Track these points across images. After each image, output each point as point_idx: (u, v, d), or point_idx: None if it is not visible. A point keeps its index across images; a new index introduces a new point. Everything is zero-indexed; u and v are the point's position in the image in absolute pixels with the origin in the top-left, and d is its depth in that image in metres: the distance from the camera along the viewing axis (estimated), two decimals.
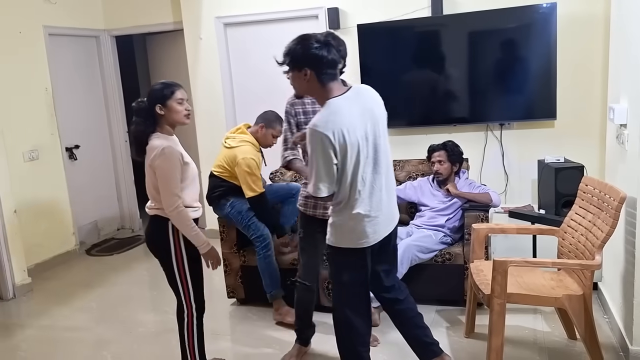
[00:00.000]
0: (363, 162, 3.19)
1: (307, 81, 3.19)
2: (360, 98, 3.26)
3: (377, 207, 3.30)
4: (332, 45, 3.20)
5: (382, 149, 3.31)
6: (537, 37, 5.78)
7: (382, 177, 3.31)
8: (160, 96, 3.56)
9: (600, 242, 3.65)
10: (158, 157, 3.49)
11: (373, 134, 3.24)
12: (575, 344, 4.30)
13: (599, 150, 5.77)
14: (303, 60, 3.17)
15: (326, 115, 3.10)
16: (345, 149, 3.09)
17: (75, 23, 7.46)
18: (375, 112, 3.29)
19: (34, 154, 6.70)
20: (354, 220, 3.26)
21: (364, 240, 3.30)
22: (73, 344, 4.96)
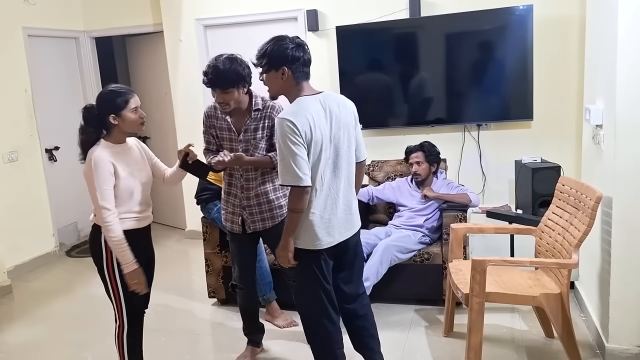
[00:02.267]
0: (324, 163, 3.26)
1: (284, 80, 3.27)
2: (328, 102, 3.32)
3: (333, 210, 3.36)
4: (305, 46, 3.32)
5: (344, 155, 3.37)
6: (513, 39, 5.84)
7: (341, 182, 3.37)
8: (113, 106, 3.44)
9: (577, 241, 3.70)
10: (88, 167, 3.41)
11: (336, 139, 3.31)
12: (553, 342, 4.35)
13: (575, 150, 5.83)
14: (281, 59, 3.25)
15: (296, 109, 3.21)
16: (310, 143, 3.17)
17: (55, 24, 7.43)
18: (341, 118, 3.35)
19: (13, 155, 6.66)
20: (309, 220, 3.30)
21: (317, 242, 3.33)
22: (54, 345, 4.95)
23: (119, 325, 3.67)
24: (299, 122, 3.12)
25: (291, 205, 3.25)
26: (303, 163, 3.14)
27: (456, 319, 4.58)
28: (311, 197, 3.26)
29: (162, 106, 7.83)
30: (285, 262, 3.40)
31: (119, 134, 3.54)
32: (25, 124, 6.90)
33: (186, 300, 5.70)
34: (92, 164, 3.38)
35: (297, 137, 3.11)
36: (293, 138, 3.11)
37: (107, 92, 3.52)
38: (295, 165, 3.12)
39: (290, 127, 3.10)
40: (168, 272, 6.27)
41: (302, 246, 3.36)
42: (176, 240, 7.63)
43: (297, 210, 3.24)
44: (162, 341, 4.78)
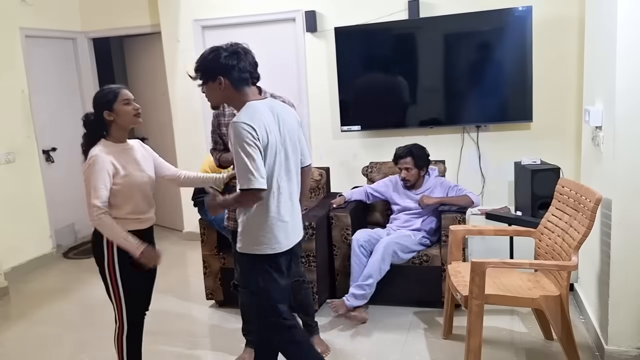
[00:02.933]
0: (279, 166, 3.28)
1: (223, 89, 3.26)
2: (275, 107, 3.35)
3: (289, 212, 3.37)
4: (241, 53, 3.30)
5: (293, 159, 3.39)
6: (513, 40, 5.83)
7: (293, 185, 3.40)
8: (104, 102, 3.49)
9: (577, 243, 3.69)
10: (87, 165, 3.42)
11: (285, 143, 3.32)
12: (552, 344, 4.35)
13: (574, 152, 5.83)
14: (215, 69, 3.24)
15: (250, 113, 3.19)
16: (266, 147, 3.18)
17: (52, 25, 7.41)
18: (287, 123, 3.37)
19: (10, 156, 6.64)
20: (268, 223, 3.29)
21: (275, 245, 3.32)
22: (51, 347, 4.93)
23: (118, 327, 3.66)
24: (257, 126, 3.12)
25: (242, 204, 3.28)
26: (260, 166, 3.13)
27: (455, 321, 4.57)
28: (269, 201, 3.26)
29: (159, 107, 7.82)
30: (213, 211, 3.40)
31: (118, 132, 3.56)
32: (22, 125, 6.88)
33: (184, 302, 5.68)
34: (89, 162, 3.40)
35: (255, 141, 3.11)
36: (250, 142, 3.10)
37: (97, 92, 3.60)
38: (252, 168, 3.10)
39: (248, 130, 3.09)
40: (166, 273, 6.23)
41: (262, 252, 3.32)
42: (174, 242, 7.61)
43: (244, 207, 3.29)
44: (160, 343, 4.77)
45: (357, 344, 4.58)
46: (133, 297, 3.62)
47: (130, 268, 3.55)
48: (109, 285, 3.57)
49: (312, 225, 4.85)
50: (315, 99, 6.70)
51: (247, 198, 3.18)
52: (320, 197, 5.60)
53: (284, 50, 6.77)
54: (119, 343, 3.68)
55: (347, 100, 6.41)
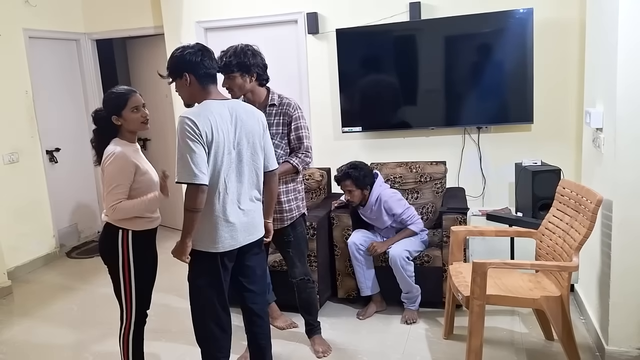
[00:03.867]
0: (227, 166, 3.30)
1: (189, 85, 3.34)
2: (235, 108, 3.39)
3: (236, 214, 3.38)
4: (205, 51, 3.39)
5: (247, 162, 3.41)
6: (514, 42, 5.85)
7: (243, 187, 3.41)
8: (114, 106, 3.54)
9: (578, 244, 3.71)
10: (108, 161, 3.47)
11: (240, 145, 3.36)
12: (553, 344, 4.37)
13: (575, 153, 5.85)
14: (181, 66, 3.33)
15: (199, 110, 3.26)
16: (211, 145, 3.21)
17: (56, 26, 7.44)
18: (248, 126, 3.40)
19: (14, 156, 6.68)
20: (211, 222, 3.33)
21: (219, 244, 3.36)
22: (54, 346, 4.95)
23: (125, 326, 3.70)
24: (200, 122, 3.16)
25: (186, 203, 3.24)
26: (201, 161, 3.16)
27: (456, 322, 4.59)
28: (214, 200, 3.29)
29: (162, 109, 7.83)
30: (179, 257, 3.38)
31: (127, 134, 3.62)
32: (25, 126, 6.91)
33: (186, 302, 5.66)
34: (112, 158, 3.46)
35: (196, 136, 3.15)
36: (192, 136, 3.14)
37: (107, 95, 3.62)
38: (192, 162, 3.14)
39: (190, 125, 3.15)
40: (168, 273, 6.24)
41: (201, 248, 3.37)
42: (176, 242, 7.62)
43: (193, 209, 3.23)
44: (163, 342, 4.79)
45: (358, 344, 4.60)
46: (142, 295, 3.68)
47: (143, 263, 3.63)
48: (122, 283, 3.61)
49: (313, 225, 4.87)
50: (317, 100, 6.71)
51: (191, 195, 3.20)
52: (321, 198, 5.62)
53: (285, 52, 6.79)
54: (124, 341, 3.72)
55: (348, 102, 6.43)
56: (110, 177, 3.46)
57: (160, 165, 4.02)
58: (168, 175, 3.48)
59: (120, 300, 3.67)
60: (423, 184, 5.48)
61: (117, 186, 3.46)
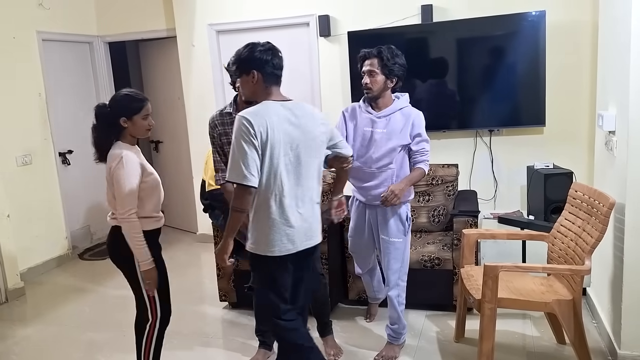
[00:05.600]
0: (284, 168, 3.25)
1: (254, 83, 3.32)
2: (296, 110, 3.34)
3: (293, 217, 3.32)
4: (275, 50, 3.38)
5: (305, 164, 3.34)
6: (526, 44, 5.84)
7: (302, 190, 3.35)
8: (127, 109, 3.52)
9: (590, 247, 3.70)
10: (117, 165, 3.47)
11: (299, 147, 3.30)
12: (565, 348, 4.35)
13: (587, 156, 5.82)
14: (250, 63, 3.32)
15: (257, 109, 3.23)
16: (266, 144, 3.17)
17: (69, 29, 7.47)
18: (308, 127, 3.34)
19: (27, 158, 6.71)
20: (268, 225, 3.29)
21: (275, 248, 3.31)
22: (66, 347, 4.97)
23: (151, 324, 3.71)
24: (256, 122, 3.14)
25: (233, 203, 3.24)
26: (252, 163, 3.14)
27: (467, 325, 4.58)
28: (270, 202, 3.26)
29: (174, 111, 7.87)
30: (221, 261, 3.41)
31: (129, 137, 3.61)
32: (39, 128, 6.95)
33: (197, 304, 5.72)
34: (121, 162, 3.46)
35: (251, 137, 3.12)
36: (246, 137, 3.13)
37: (123, 95, 3.60)
38: (243, 163, 3.13)
39: (246, 125, 3.13)
40: (180, 275, 6.29)
41: (259, 252, 3.34)
42: (187, 244, 7.65)
43: (239, 210, 3.23)
44: (174, 344, 4.79)
45: (369, 347, 4.58)
46: (164, 290, 3.71)
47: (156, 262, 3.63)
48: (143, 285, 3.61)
49: (324, 227, 4.87)
50: (328, 103, 6.71)
51: (238, 196, 3.20)
52: None
53: (297, 55, 6.79)
54: (148, 341, 3.73)
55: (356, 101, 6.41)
56: (123, 182, 3.46)
57: (172, 166, 4.04)
58: None
59: (142, 303, 3.67)
60: (435, 186, 5.47)
61: (130, 193, 3.47)
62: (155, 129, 3.83)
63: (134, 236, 3.48)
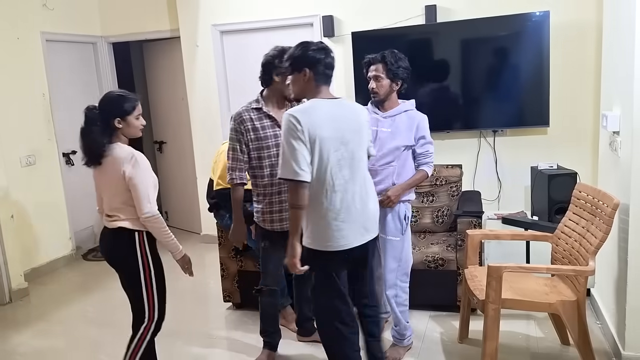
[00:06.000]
0: (336, 164, 3.31)
1: (306, 81, 3.40)
2: (343, 108, 3.45)
3: (347, 211, 3.36)
4: (328, 50, 3.46)
5: (358, 159, 3.43)
6: (530, 44, 5.83)
7: (356, 185, 3.40)
8: (120, 110, 3.49)
9: (594, 248, 3.69)
10: (132, 165, 3.43)
11: (352, 142, 3.38)
12: (569, 349, 4.34)
13: (591, 157, 5.82)
14: (303, 61, 3.39)
15: (305, 107, 3.34)
16: (315, 141, 3.23)
17: (73, 29, 7.48)
18: (356, 124, 3.45)
19: (31, 159, 6.72)
20: (322, 220, 3.34)
21: (329, 243, 3.35)
22: (69, 348, 4.98)
23: (147, 326, 3.69)
24: (303, 119, 3.21)
25: (289, 200, 3.31)
26: (301, 159, 3.20)
27: (471, 325, 4.57)
28: (322, 198, 3.31)
29: (178, 111, 7.87)
30: (292, 267, 3.38)
31: (122, 139, 3.57)
32: (43, 128, 6.96)
33: (201, 304, 5.73)
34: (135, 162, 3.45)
35: (299, 133, 3.20)
36: (294, 133, 3.20)
37: (115, 96, 3.58)
38: (293, 160, 3.19)
39: (294, 122, 3.20)
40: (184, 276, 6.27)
41: (314, 247, 3.39)
42: (192, 244, 7.64)
43: (297, 206, 3.27)
44: (178, 345, 4.80)
45: None
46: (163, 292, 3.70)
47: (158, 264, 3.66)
48: (145, 286, 3.60)
49: None
50: None
51: (291, 192, 3.27)
52: None
53: None
54: (139, 343, 3.69)
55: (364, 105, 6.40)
56: (140, 182, 3.45)
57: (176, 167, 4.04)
58: None
59: (141, 305, 3.65)
60: (438, 187, 5.47)
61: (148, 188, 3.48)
62: (159, 130, 3.83)
63: (163, 231, 3.54)
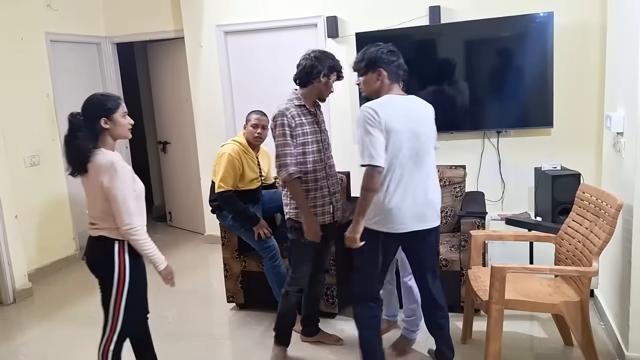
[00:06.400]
0: (404, 154, 3.54)
1: (380, 81, 3.69)
2: (413, 103, 3.73)
3: (410, 198, 3.59)
4: (397, 51, 3.79)
5: (426, 150, 3.65)
6: (534, 45, 5.82)
7: (421, 174, 3.64)
8: (105, 109, 3.41)
9: (598, 249, 3.68)
10: (110, 175, 3.30)
11: (422, 136, 3.63)
12: (572, 350, 4.34)
13: (595, 158, 5.81)
14: (377, 61, 3.68)
15: (380, 101, 3.60)
16: (390, 132, 3.49)
17: (77, 30, 7.50)
18: (425, 119, 3.72)
19: (35, 159, 6.73)
20: (387, 204, 3.57)
21: (390, 225, 3.61)
22: (73, 348, 4.99)
23: (107, 338, 3.61)
24: (380, 111, 3.49)
25: (365, 183, 3.50)
26: (378, 145, 3.46)
27: (474, 326, 4.57)
28: (389, 184, 3.55)
29: (182, 112, 7.88)
30: (352, 242, 3.63)
31: (109, 141, 3.46)
32: (47, 129, 6.97)
33: (205, 305, 5.73)
34: (115, 172, 3.30)
35: (376, 123, 3.47)
36: (372, 122, 3.47)
37: (97, 97, 3.53)
38: (371, 146, 3.45)
39: (371, 113, 3.48)
40: (187, 276, 6.30)
41: (377, 228, 3.63)
42: (195, 245, 7.66)
43: (370, 189, 3.50)
44: (181, 346, 4.81)
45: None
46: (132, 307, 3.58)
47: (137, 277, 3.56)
48: (114, 296, 3.51)
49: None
50: (336, 104, 6.70)
51: (368, 176, 3.49)
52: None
53: None
54: (105, 352, 3.62)
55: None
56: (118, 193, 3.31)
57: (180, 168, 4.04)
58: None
59: (107, 312, 3.59)
60: (442, 187, 5.44)
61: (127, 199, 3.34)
62: (163, 130, 3.82)
63: (142, 244, 3.42)
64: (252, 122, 5.00)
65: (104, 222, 3.45)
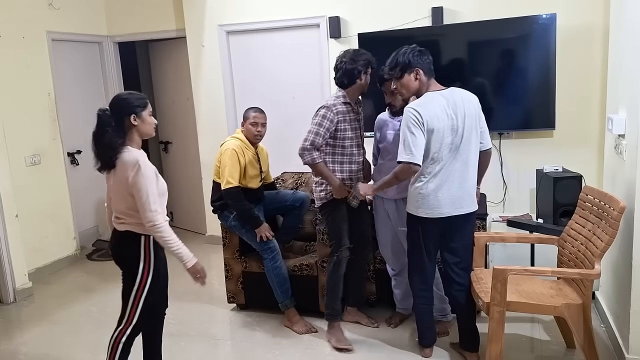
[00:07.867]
0: (445, 149, 3.84)
1: (418, 80, 3.95)
2: (452, 96, 3.91)
3: (447, 186, 3.89)
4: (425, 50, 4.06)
5: (466, 142, 3.89)
6: (536, 47, 5.81)
7: (457, 163, 3.89)
8: (134, 106, 3.48)
9: (600, 251, 3.67)
10: (135, 172, 3.38)
11: (461, 128, 3.85)
12: (574, 352, 4.33)
13: (597, 160, 5.80)
14: (411, 63, 3.94)
15: (423, 101, 3.87)
16: (432, 131, 3.77)
17: (79, 29, 7.49)
18: (465, 110, 3.89)
19: (36, 158, 6.73)
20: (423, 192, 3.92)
21: (429, 211, 3.93)
22: (73, 348, 4.98)
23: (122, 328, 3.69)
24: (423, 112, 3.76)
25: (399, 173, 3.87)
26: (420, 145, 3.75)
27: None
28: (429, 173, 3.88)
29: (184, 111, 7.88)
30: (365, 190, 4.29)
31: (136, 139, 3.55)
32: (48, 128, 6.97)
33: (206, 305, 5.72)
34: (139, 169, 3.39)
35: (419, 124, 3.75)
36: (415, 123, 3.75)
37: (126, 95, 3.61)
38: (413, 145, 3.74)
39: (415, 114, 3.77)
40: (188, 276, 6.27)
41: (418, 214, 3.99)
42: (196, 245, 7.63)
43: (400, 179, 3.95)
44: (182, 346, 4.80)
45: (376, 350, 4.60)
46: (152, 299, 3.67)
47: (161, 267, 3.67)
48: (136, 289, 3.59)
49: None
50: None
51: (403, 170, 3.82)
52: None
53: (307, 56, 6.80)
54: (115, 344, 3.68)
55: (370, 107, 6.40)
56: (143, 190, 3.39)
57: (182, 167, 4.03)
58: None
59: (126, 304, 3.65)
60: None
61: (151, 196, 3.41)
62: (165, 130, 3.83)
63: (167, 240, 3.48)
64: (251, 120, 5.03)
65: (130, 217, 3.53)
